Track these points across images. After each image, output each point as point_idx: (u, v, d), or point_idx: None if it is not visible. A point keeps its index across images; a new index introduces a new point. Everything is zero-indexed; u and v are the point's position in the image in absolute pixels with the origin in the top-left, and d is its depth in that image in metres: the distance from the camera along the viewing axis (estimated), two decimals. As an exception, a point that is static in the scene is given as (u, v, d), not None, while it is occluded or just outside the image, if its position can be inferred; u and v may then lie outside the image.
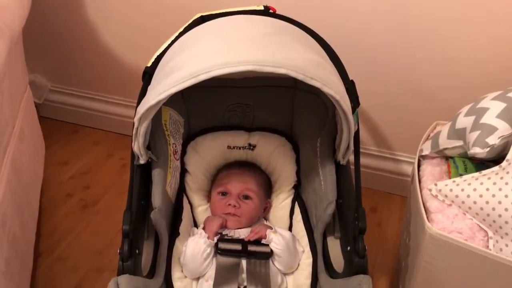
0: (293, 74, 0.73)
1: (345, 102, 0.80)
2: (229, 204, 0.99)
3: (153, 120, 0.94)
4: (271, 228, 0.97)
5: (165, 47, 1.00)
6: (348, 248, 0.86)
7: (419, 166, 1.06)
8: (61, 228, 1.37)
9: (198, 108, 1.12)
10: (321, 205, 0.97)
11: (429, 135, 1.15)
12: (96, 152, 1.69)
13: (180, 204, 1.02)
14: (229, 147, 1.10)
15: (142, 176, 0.93)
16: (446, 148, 1.02)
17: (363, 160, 1.58)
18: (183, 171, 1.07)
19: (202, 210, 1.06)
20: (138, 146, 0.87)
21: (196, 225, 1.05)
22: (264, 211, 1.06)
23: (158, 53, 1.00)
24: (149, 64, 0.98)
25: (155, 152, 0.95)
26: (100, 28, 1.60)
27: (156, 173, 0.94)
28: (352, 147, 0.91)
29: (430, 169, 1.03)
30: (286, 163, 1.09)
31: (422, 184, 1.00)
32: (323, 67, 0.83)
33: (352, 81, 0.97)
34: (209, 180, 1.09)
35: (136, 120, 0.82)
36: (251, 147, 1.11)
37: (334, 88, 0.78)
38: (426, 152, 1.06)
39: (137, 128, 0.83)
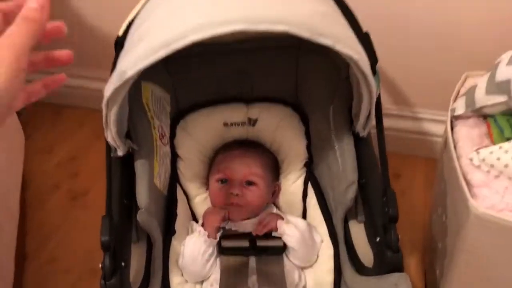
0: (296, 31, 0.55)
1: (364, 62, 0.63)
2: (231, 193, 0.84)
3: (131, 100, 0.78)
4: (282, 217, 0.82)
5: (137, 10, 0.82)
6: (378, 239, 0.71)
7: (451, 128, 0.90)
8: (48, 225, 1.24)
9: (185, 80, 0.94)
10: (339, 186, 0.82)
11: (459, 90, 0.98)
12: (82, 135, 1.53)
13: (174, 196, 0.87)
14: (225, 124, 0.94)
15: (123, 171, 0.77)
16: (484, 106, 0.85)
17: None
18: (174, 157, 0.91)
19: (200, 201, 0.91)
20: (111, 136, 0.71)
21: (194, 218, 0.90)
22: (273, 195, 0.91)
23: (129, 18, 0.82)
24: (120, 33, 0.81)
25: (137, 140, 0.79)
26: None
27: (140, 165, 0.78)
28: (373, 116, 0.74)
29: (467, 132, 0.86)
30: (294, 138, 0.93)
31: (458, 151, 0.84)
32: (332, 18, 0.66)
33: (366, 33, 0.80)
34: (206, 164, 0.94)
35: (103, 105, 0.66)
36: (252, 123, 0.94)
37: (350, 45, 0.61)
38: (459, 111, 0.89)
39: (106, 115, 0.67)
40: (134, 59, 0.58)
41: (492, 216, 0.71)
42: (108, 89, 0.63)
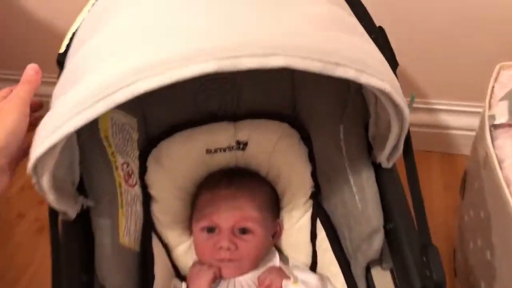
0: (300, 64, 0.36)
1: (397, 92, 0.45)
2: (221, 247, 0.66)
3: (84, 136, 0.60)
4: (287, 276, 0.65)
5: (81, 18, 0.62)
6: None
7: (492, 140, 0.72)
8: (14, 265, 1.06)
9: (157, 97, 0.75)
10: (358, 228, 0.64)
11: (493, 86, 0.80)
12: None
13: (149, 251, 0.69)
14: (208, 151, 0.75)
15: (77, 235, 0.59)
16: (536, 113, 0.67)
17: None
18: (147, 199, 0.72)
19: (183, 250, 0.73)
20: (53, 201, 0.52)
21: (178, 273, 0.72)
22: (273, 237, 0.73)
23: (72, 30, 0.63)
24: (61, 49, 0.61)
25: (93, 193, 0.61)
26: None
27: (99, 226, 0.60)
28: (401, 146, 0.56)
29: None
30: (295, 163, 0.74)
31: (505, 174, 0.66)
32: (344, 28, 0.46)
33: (380, 28, 0.61)
34: (188, 203, 0.75)
35: (29, 169, 0.47)
36: (241, 146, 0.75)
37: (379, 72, 0.42)
38: (502, 119, 0.71)
39: (37, 183, 0.48)
40: (62, 119, 0.39)
41: None
42: (34, 151, 0.44)
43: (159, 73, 0.37)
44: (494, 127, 0.72)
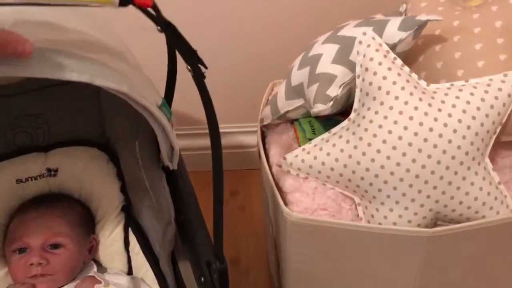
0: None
1: (139, 93, 0.57)
2: (31, 264, 0.71)
3: None
4: (99, 280, 0.72)
5: None
6: (202, 279, 0.66)
7: (263, 138, 0.90)
8: None
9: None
10: (158, 227, 0.75)
11: (268, 99, 0.99)
12: None
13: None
14: (19, 180, 0.80)
15: None
16: (287, 111, 0.86)
17: (202, 142, 1.39)
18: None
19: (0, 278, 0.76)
20: None
21: (-4, 302, 0.75)
22: (90, 252, 0.80)
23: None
24: None
25: None
26: None
27: None
28: (177, 147, 0.69)
29: (276, 139, 0.87)
30: (104, 182, 0.83)
31: (271, 160, 0.83)
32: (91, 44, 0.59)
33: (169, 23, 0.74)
34: (2, 233, 0.79)
35: None
36: (52, 173, 0.82)
37: (114, 77, 0.54)
38: (267, 120, 0.89)
39: None
40: None
41: (307, 220, 0.71)
42: None
43: None
44: (265, 127, 0.90)
